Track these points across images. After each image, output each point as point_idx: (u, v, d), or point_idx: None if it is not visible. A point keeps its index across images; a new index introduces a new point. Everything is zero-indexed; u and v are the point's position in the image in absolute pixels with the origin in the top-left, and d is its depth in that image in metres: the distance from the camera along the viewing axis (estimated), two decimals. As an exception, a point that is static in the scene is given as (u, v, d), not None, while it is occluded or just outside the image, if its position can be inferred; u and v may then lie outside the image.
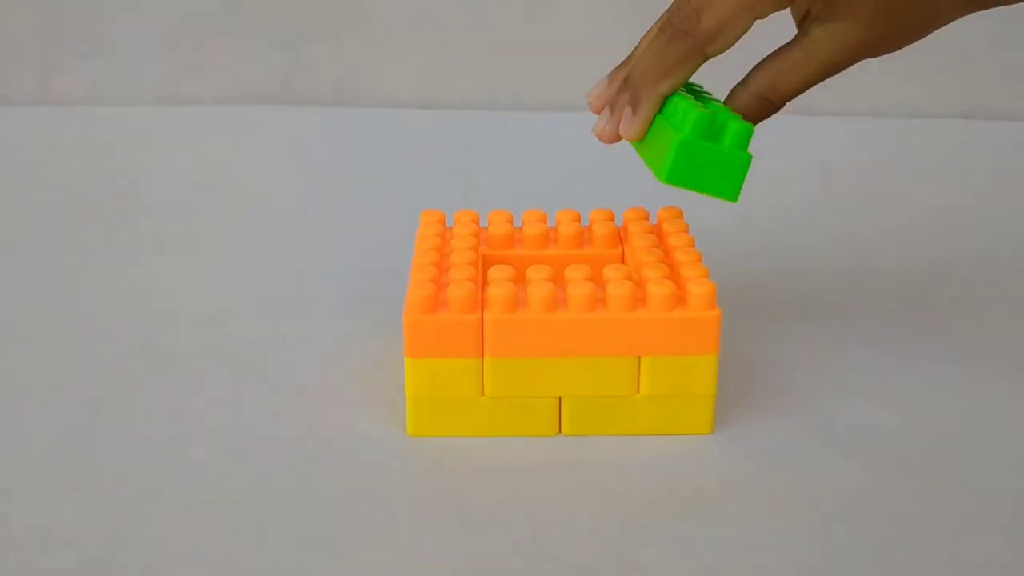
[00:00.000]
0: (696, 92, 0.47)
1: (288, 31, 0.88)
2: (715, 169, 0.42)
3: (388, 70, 0.89)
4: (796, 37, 0.44)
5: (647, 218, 0.52)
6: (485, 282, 0.47)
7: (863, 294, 0.59)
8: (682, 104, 0.43)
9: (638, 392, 0.45)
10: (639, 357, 0.45)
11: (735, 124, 0.42)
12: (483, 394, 0.45)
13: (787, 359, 0.52)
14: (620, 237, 0.51)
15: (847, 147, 0.82)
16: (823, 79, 0.44)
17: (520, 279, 0.47)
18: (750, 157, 0.42)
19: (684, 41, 0.43)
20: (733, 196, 0.42)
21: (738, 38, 0.43)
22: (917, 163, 0.79)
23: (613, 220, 0.52)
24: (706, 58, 0.43)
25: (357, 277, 0.60)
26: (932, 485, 0.43)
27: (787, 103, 0.44)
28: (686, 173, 0.42)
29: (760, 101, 0.45)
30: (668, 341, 0.44)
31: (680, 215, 0.52)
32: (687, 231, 0.50)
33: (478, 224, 0.52)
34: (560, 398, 0.46)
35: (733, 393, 0.49)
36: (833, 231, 0.68)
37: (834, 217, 0.70)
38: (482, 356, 0.45)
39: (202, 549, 0.40)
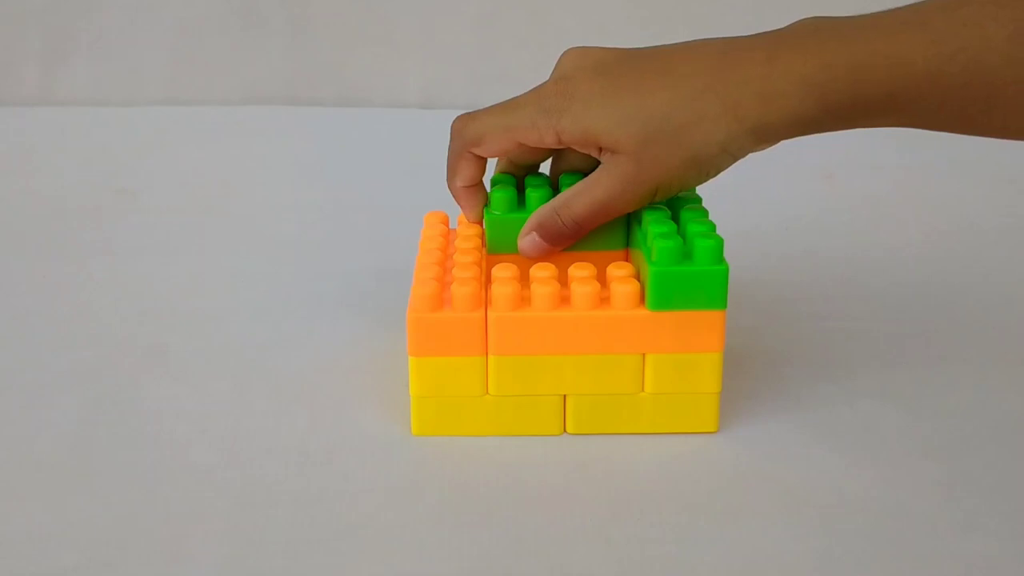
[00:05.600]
0: (678, 197, 0.48)
1: (292, 32, 0.88)
2: (696, 286, 0.44)
3: (391, 70, 0.89)
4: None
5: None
6: (489, 280, 0.47)
7: (867, 294, 0.59)
8: (651, 229, 0.45)
9: (643, 390, 0.45)
10: (643, 355, 0.45)
11: (704, 242, 0.43)
12: (487, 393, 0.45)
13: (792, 358, 0.52)
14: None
15: (849, 151, 0.81)
16: (611, 208, 0.46)
17: (524, 277, 0.47)
18: (727, 268, 0.44)
19: (455, 141, 0.49)
20: (721, 305, 0.44)
21: (504, 151, 0.48)
22: (922, 162, 0.79)
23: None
24: (478, 157, 0.47)
25: (361, 277, 0.60)
26: (936, 484, 0.43)
27: (578, 227, 0.46)
28: (670, 297, 0.44)
29: (553, 215, 0.47)
30: (673, 339, 0.44)
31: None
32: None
33: (481, 224, 0.51)
34: (565, 396, 0.46)
35: (738, 391, 0.49)
36: (837, 232, 0.68)
37: (838, 218, 0.70)
38: (486, 354, 0.45)
39: (205, 550, 0.40)
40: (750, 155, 0.45)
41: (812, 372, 0.51)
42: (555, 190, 0.51)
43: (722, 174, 0.45)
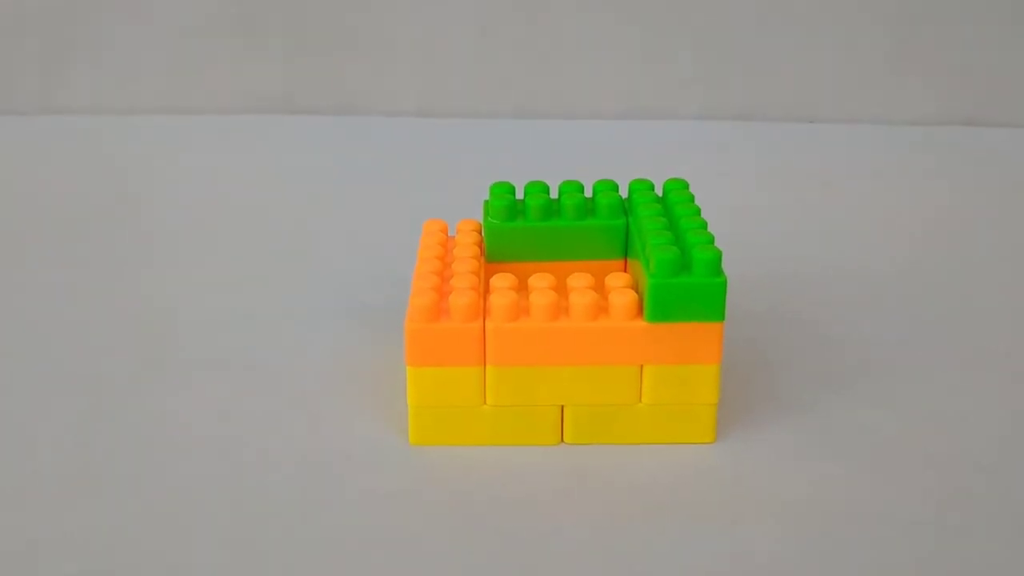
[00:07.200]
0: (677, 208, 0.48)
1: (289, 41, 0.88)
2: (694, 298, 0.43)
3: (389, 79, 0.89)
4: None
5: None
6: (487, 291, 0.47)
7: (865, 300, 0.59)
8: (650, 240, 0.45)
9: (640, 401, 0.45)
10: (641, 366, 0.45)
11: (702, 254, 0.43)
12: (485, 403, 0.45)
13: (790, 366, 0.52)
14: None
15: (848, 154, 0.82)
16: None
17: (522, 288, 0.47)
18: (725, 280, 0.43)
19: None
20: (719, 317, 0.44)
21: None
22: (919, 169, 0.79)
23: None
24: None
25: (359, 286, 0.60)
26: (935, 492, 0.43)
27: None
28: (668, 309, 0.44)
29: None
30: (670, 351, 0.44)
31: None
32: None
33: (480, 233, 0.52)
34: (562, 407, 0.46)
35: (735, 401, 0.49)
36: (835, 238, 0.68)
37: (836, 224, 0.70)
38: (484, 365, 0.45)
39: (202, 559, 0.40)
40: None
41: (810, 381, 0.51)
42: (555, 199, 0.51)
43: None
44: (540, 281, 0.46)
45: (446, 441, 0.46)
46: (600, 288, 0.47)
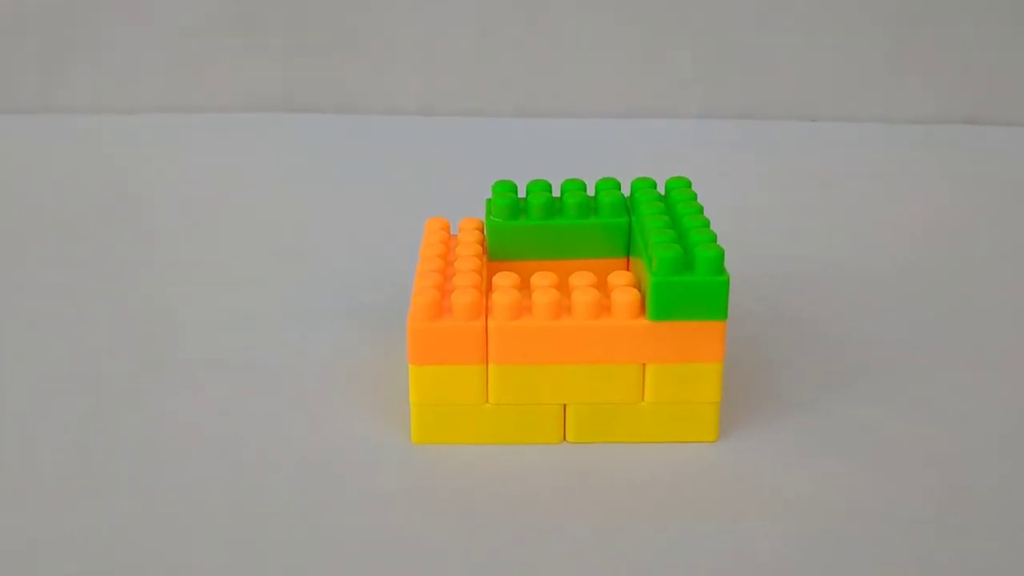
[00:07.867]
0: (679, 207, 0.48)
1: (290, 39, 0.88)
2: (697, 296, 0.43)
3: (390, 77, 0.89)
4: None
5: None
6: (490, 289, 0.47)
7: (865, 300, 0.59)
8: (652, 238, 0.45)
9: (642, 399, 0.45)
10: (643, 364, 0.45)
11: (704, 253, 0.43)
12: (487, 401, 0.45)
13: (791, 365, 0.52)
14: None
15: (848, 153, 0.82)
16: None
17: (525, 286, 0.47)
18: (727, 278, 0.43)
19: None
20: (722, 315, 0.44)
21: None
22: (919, 169, 0.79)
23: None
24: None
25: (361, 285, 0.60)
26: (936, 491, 0.43)
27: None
28: (670, 308, 0.44)
29: None
30: (673, 349, 0.44)
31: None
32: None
33: (482, 231, 0.51)
34: (565, 405, 0.46)
35: (738, 400, 0.49)
36: (835, 237, 0.68)
37: (836, 223, 0.70)
38: (486, 363, 0.45)
39: (202, 559, 0.40)
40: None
41: (811, 380, 0.51)
42: (557, 197, 0.51)
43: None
44: (542, 279, 0.46)
45: (448, 440, 0.46)
46: (602, 286, 0.47)
